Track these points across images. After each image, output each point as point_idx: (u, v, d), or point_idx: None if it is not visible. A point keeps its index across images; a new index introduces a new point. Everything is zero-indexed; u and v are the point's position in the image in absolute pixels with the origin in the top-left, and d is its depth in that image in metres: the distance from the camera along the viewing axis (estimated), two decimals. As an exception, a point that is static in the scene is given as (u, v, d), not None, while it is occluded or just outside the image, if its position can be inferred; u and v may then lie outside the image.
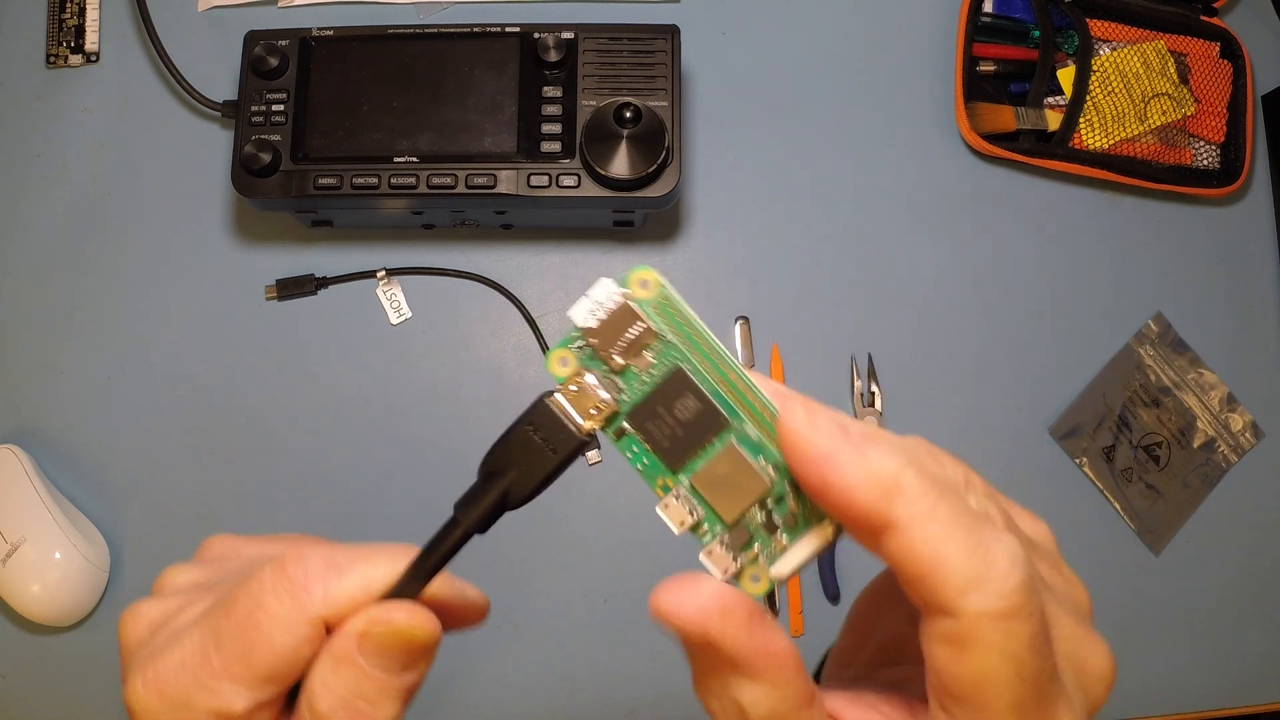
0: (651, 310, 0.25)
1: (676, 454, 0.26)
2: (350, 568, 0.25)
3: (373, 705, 0.25)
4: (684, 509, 0.26)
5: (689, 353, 0.25)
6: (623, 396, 0.26)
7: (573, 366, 0.25)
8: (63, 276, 0.68)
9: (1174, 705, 0.66)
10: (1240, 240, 0.72)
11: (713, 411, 0.25)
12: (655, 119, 0.60)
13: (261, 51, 0.62)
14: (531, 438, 0.26)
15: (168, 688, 0.25)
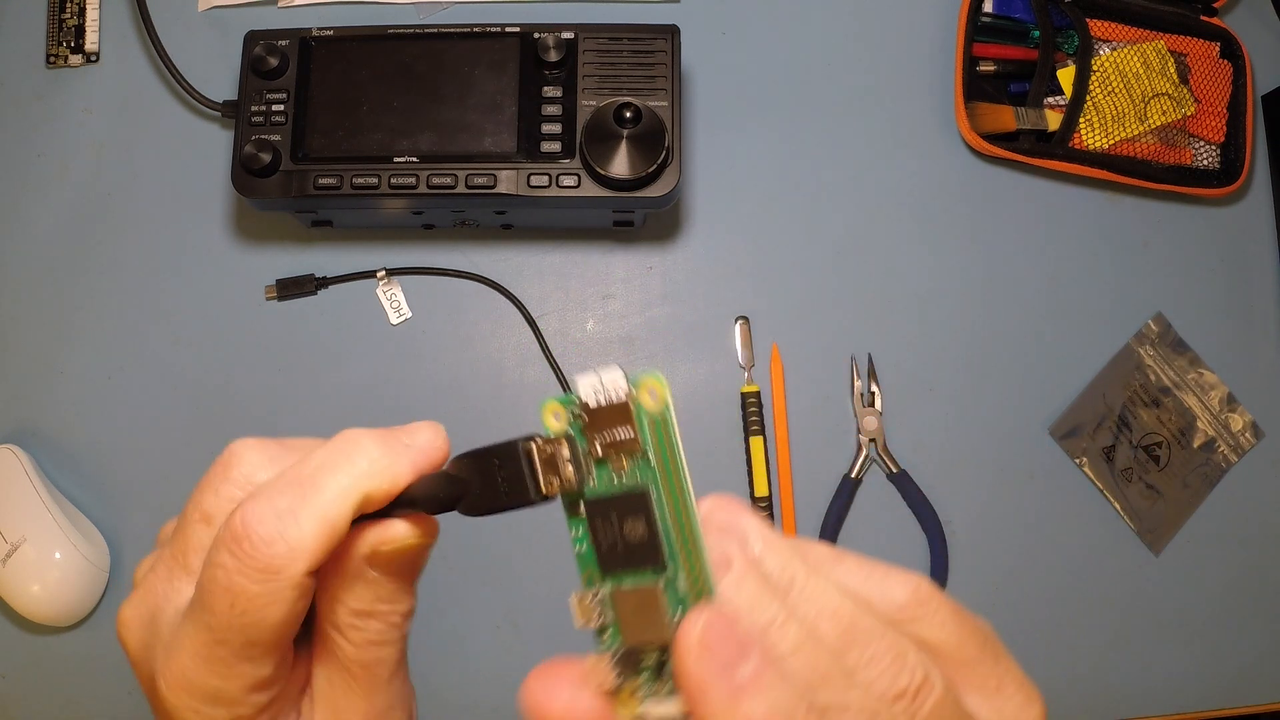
0: (646, 423, 0.25)
1: (611, 561, 0.26)
2: (301, 511, 0.25)
3: (392, 603, 0.27)
4: (594, 610, 0.26)
5: (661, 481, 0.25)
6: (589, 483, 0.26)
7: (560, 427, 0.26)
8: (63, 276, 0.68)
9: (1174, 705, 0.66)
10: (1240, 240, 0.72)
11: (656, 548, 0.25)
12: (655, 119, 0.60)
13: (261, 51, 0.62)
14: (495, 470, 0.26)
15: (194, 687, 0.26)
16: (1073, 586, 0.67)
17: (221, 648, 0.25)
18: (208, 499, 0.27)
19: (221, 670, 0.25)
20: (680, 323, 0.69)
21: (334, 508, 0.25)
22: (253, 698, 0.26)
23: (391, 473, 0.26)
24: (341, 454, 0.26)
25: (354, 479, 0.25)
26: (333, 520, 0.25)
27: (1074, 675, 0.66)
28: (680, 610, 0.25)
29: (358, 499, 0.25)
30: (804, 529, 0.66)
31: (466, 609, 0.65)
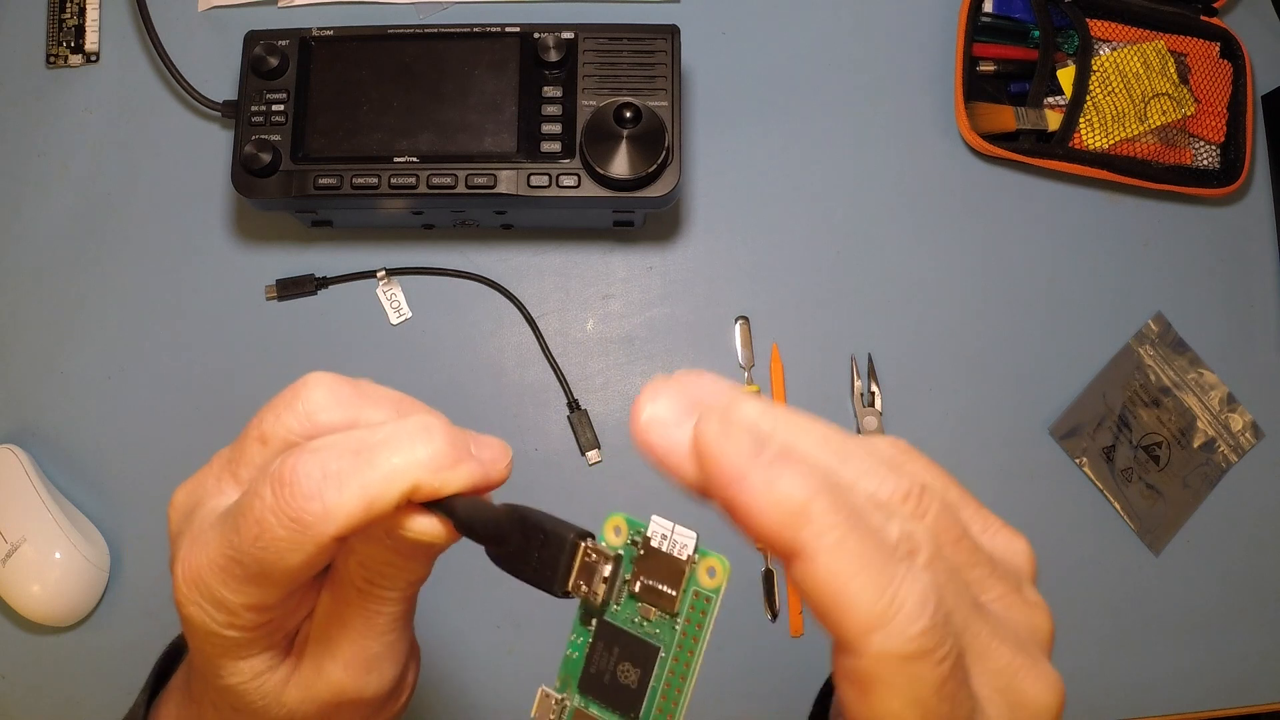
0: (690, 593, 0.25)
1: (592, 685, 0.27)
2: (350, 481, 0.25)
3: (402, 569, 0.28)
4: (555, 713, 0.27)
5: (675, 650, 0.26)
6: (612, 608, 0.26)
7: (614, 544, 0.26)
8: (63, 276, 0.68)
9: (1174, 705, 0.66)
10: (1240, 240, 0.72)
11: (637, 702, 0.26)
12: (655, 119, 0.60)
13: (261, 51, 0.62)
14: (536, 543, 0.26)
15: (203, 587, 0.27)
16: (1073, 586, 0.67)
17: (236, 566, 0.26)
18: (268, 421, 0.28)
19: (230, 584, 0.26)
20: (680, 323, 0.69)
21: (380, 488, 0.25)
22: (251, 615, 0.27)
23: (447, 476, 0.26)
24: (408, 438, 0.26)
25: (410, 467, 0.25)
26: (374, 499, 0.25)
27: (1074, 675, 0.66)
28: None
29: (407, 487, 0.25)
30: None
31: (466, 609, 0.65)
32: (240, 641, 0.28)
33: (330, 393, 0.28)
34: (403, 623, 0.30)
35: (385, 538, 0.27)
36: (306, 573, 0.26)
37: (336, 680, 0.29)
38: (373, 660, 0.29)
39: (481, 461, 0.27)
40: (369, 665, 0.29)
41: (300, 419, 0.28)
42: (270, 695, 0.29)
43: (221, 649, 0.28)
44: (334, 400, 0.28)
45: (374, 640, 0.29)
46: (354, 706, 0.30)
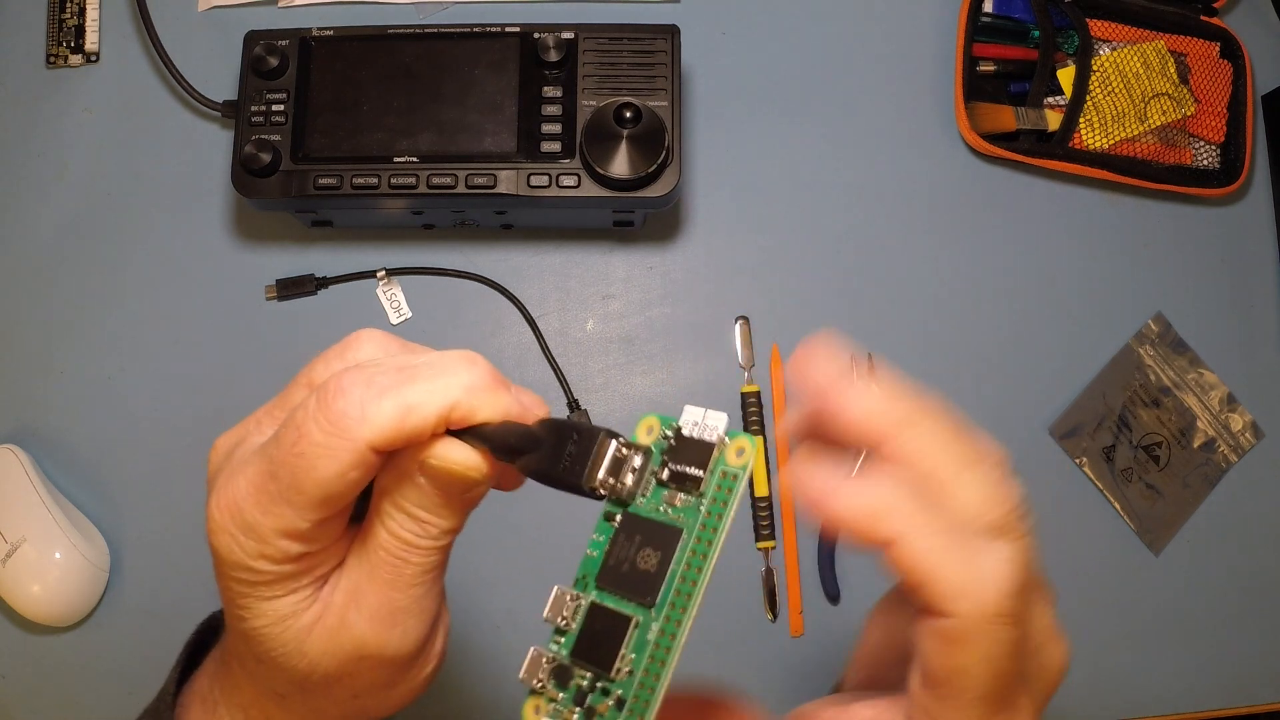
0: (718, 473, 0.25)
1: (610, 577, 0.27)
2: (390, 391, 0.26)
3: (432, 514, 0.28)
4: (568, 611, 0.27)
5: (698, 530, 0.25)
6: (638, 498, 0.26)
7: (645, 442, 0.26)
8: (63, 276, 0.68)
9: (1174, 705, 0.66)
10: (1240, 240, 0.72)
11: (655, 587, 0.26)
12: (655, 119, 0.60)
13: (261, 51, 0.62)
14: (568, 443, 0.26)
15: (236, 512, 0.27)
16: (1073, 586, 0.67)
17: (272, 482, 0.26)
18: (318, 369, 0.30)
19: (264, 504, 0.27)
20: (680, 323, 0.69)
21: (418, 399, 0.26)
22: (281, 543, 0.27)
23: (484, 399, 0.27)
24: (452, 363, 0.27)
25: (450, 386, 0.26)
26: (410, 410, 0.26)
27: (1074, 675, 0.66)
28: (637, 653, 0.26)
29: (444, 405, 0.26)
30: (804, 529, 0.66)
31: (466, 609, 0.65)
32: (268, 576, 0.28)
33: (380, 347, 0.29)
34: (431, 578, 0.30)
35: (418, 474, 0.27)
36: (338, 488, 0.26)
37: (360, 632, 0.29)
38: (398, 614, 0.29)
39: (519, 403, 0.28)
40: (394, 619, 0.29)
41: (350, 365, 0.28)
42: (293, 643, 0.29)
43: (249, 584, 0.28)
44: (383, 354, 0.29)
45: (400, 592, 0.29)
46: (376, 664, 0.29)
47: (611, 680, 0.26)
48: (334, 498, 0.27)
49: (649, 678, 0.25)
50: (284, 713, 0.31)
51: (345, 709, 0.32)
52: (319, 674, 0.29)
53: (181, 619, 0.66)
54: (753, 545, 0.66)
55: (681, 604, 0.25)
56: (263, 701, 0.31)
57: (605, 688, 0.26)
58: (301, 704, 0.31)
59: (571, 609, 0.27)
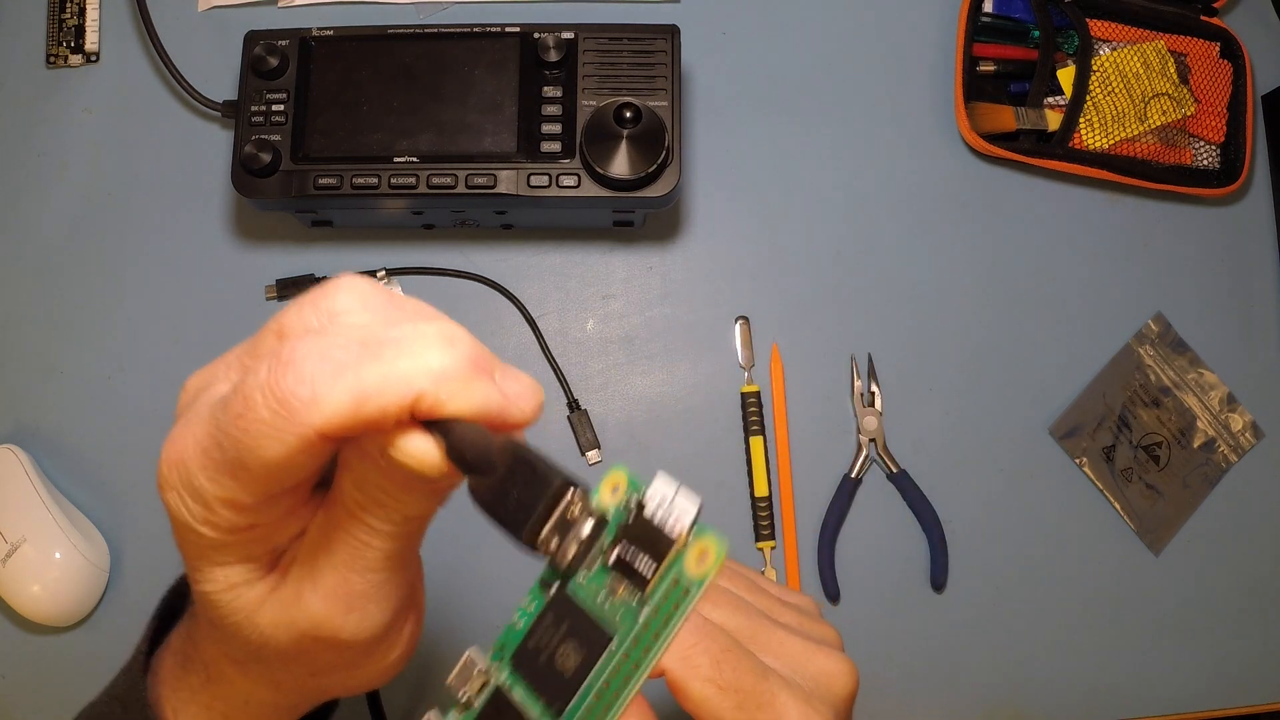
0: (670, 576, 0.23)
1: (525, 663, 0.24)
2: (346, 371, 0.23)
3: (395, 499, 0.26)
4: (473, 685, 0.25)
5: (628, 645, 0.23)
6: (576, 577, 0.23)
7: (605, 506, 0.23)
8: (63, 276, 0.68)
9: (1174, 705, 0.66)
10: (1240, 240, 0.72)
11: (566, 694, 0.23)
12: (655, 119, 0.60)
13: (261, 51, 0.62)
14: (520, 482, 0.23)
15: (183, 471, 0.26)
16: (1073, 586, 0.67)
17: (216, 450, 0.24)
18: (289, 316, 0.26)
19: (208, 469, 0.25)
20: (680, 323, 0.69)
21: (376, 386, 0.23)
22: (225, 512, 0.25)
23: (456, 392, 0.23)
24: (425, 341, 0.23)
25: (415, 374, 0.23)
26: (366, 397, 0.23)
27: (1074, 675, 0.66)
28: None
29: (406, 396, 0.23)
30: (804, 529, 0.66)
31: (466, 609, 0.65)
32: (214, 543, 0.26)
33: (359, 297, 0.26)
34: (395, 563, 0.27)
35: (380, 457, 0.25)
36: (285, 472, 0.24)
37: (313, 611, 0.27)
38: (355, 598, 0.27)
39: (503, 395, 0.24)
40: (350, 603, 0.27)
41: (322, 317, 0.25)
42: (243, 613, 0.27)
43: (197, 548, 0.26)
44: (361, 305, 0.26)
45: (359, 576, 0.27)
46: (331, 647, 0.28)
47: None
48: (281, 479, 0.25)
49: None
50: (243, 678, 0.31)
51: (304, 685, 0.31)
52: (272, 648, 0.28)
53: (181, 619, 0.66)
54: (753, 545, 0.66)
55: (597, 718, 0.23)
56: (222, 664, 0.31)
57: None
58: (259, 674, 0.30)
59: (478, 684, 0.25)
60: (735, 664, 0.28)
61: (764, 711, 0.27)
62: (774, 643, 0.31)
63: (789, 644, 0.31)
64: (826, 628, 0.35)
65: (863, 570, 0.66)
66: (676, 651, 0.26)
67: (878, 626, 0.66)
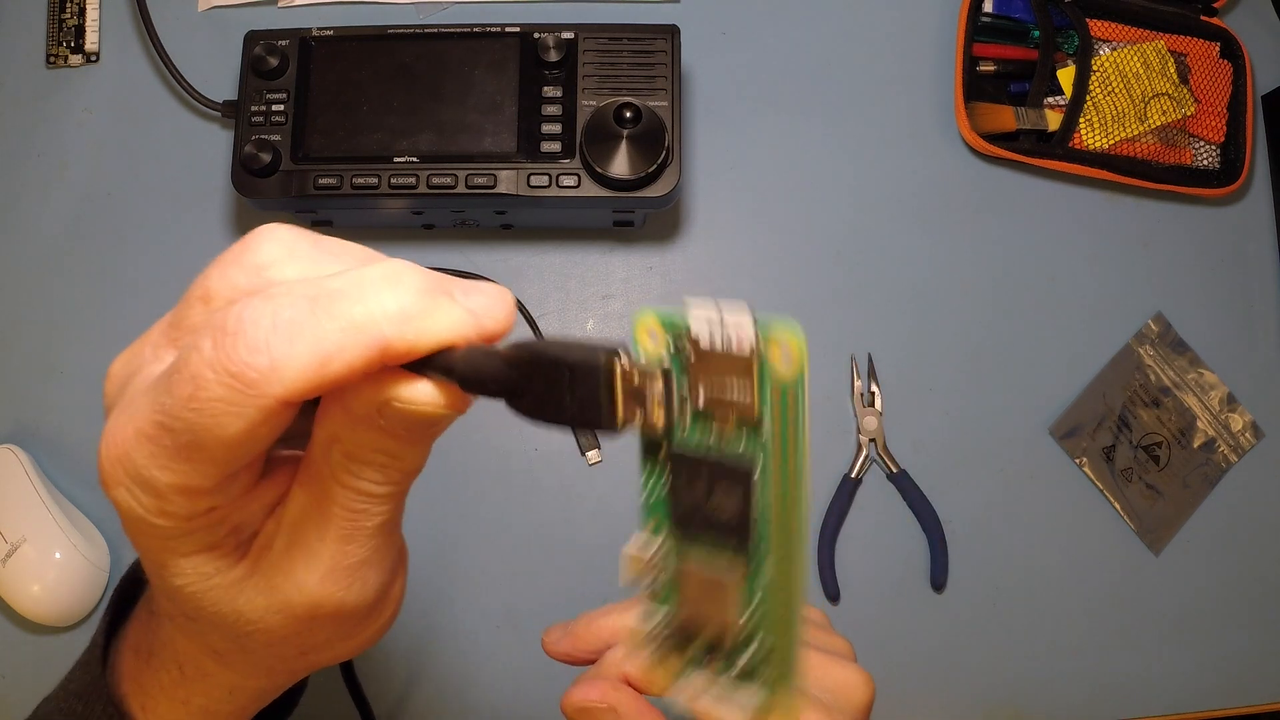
0: (770, 391, 0.20)
1: (688, 525, 0.22)
2: (304, 333, 0.21)
3: (395, 456, 0.24)
4: (651, 570, 0.23)
5: (774, 460, 0.20)
6: (679, 433, 0.21)
7: (655, 353, 0.21)
8: (63, 276, 0.68)
9: (1174, 705, 0.66)
10: (1240, 240, 0.72)
11: (746, 534, 0.21)
12: (655, 119, 0.60)
13: (261, 51, 0.62)
14: (564, 382, 0.21)
15: (128, 463, 0.23)
16: (1073, 586, 0.67)
17: (165, 436, 0.22)
18: (213, 278, 0.24)
19: (158, 458, 0.23)
20: (680, 323, 0.69)
21: (337, 342, 0.21)
22: (181, 501, 0.24)
23: (421, 328, 0.22)
24: (372, 286, 0.22)
25: (374, 320, 0.21)
26: (330, 355, 0.21)
27: (1074, 675, 0.66)
28: (760, 603, 0.21)
29: (372, 344, 0.21)
30: (804, 529, 0.66)
31: (466, 609, 0.65)
32: (172, 533, 0.24)
33: (285, 246, 0.24)
34: (392, 524, 0.26)
35: (377, 418, 0.23)
36: (247, 447, 0.22)
37: (313, 591, 0.25)
38: (356, 568, 0.25)
39: (471, 312, 0.22)
40: (352, 573, 0.25)
41: (250, 274, 0.23)
42: (224, 601, 0.25)
43: (156, 543, 0.24)
44: (289, 254, 0.24)
45: (359, 545, 0.25)
46: (333, 619, 0.26)
47: (732, 639, 0.22)
48: (241, 456, 0.23)
49: (781, 635, 0.21)
50: (223, 669, 0.29)
51: (293, 665, 0.29)
52: (262, 633, 0.26)
53: (181, 619, 0.66)
54: None
55: (790, 544, 0.21)
56: (200, 659, 0.29)
57: (723, 642, 0.22)
58: (242, 661, 0.28)
59: (655, 569, 0.22)
60: None
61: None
62: None
63: (814, 663, 0.31)
64: (839, 639, 0.35)
65: (863, 570, 0.66)
66: None
67: (878, 626, 0.66)
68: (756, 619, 0.22)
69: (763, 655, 0.22)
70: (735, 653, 0.22)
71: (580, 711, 0.31)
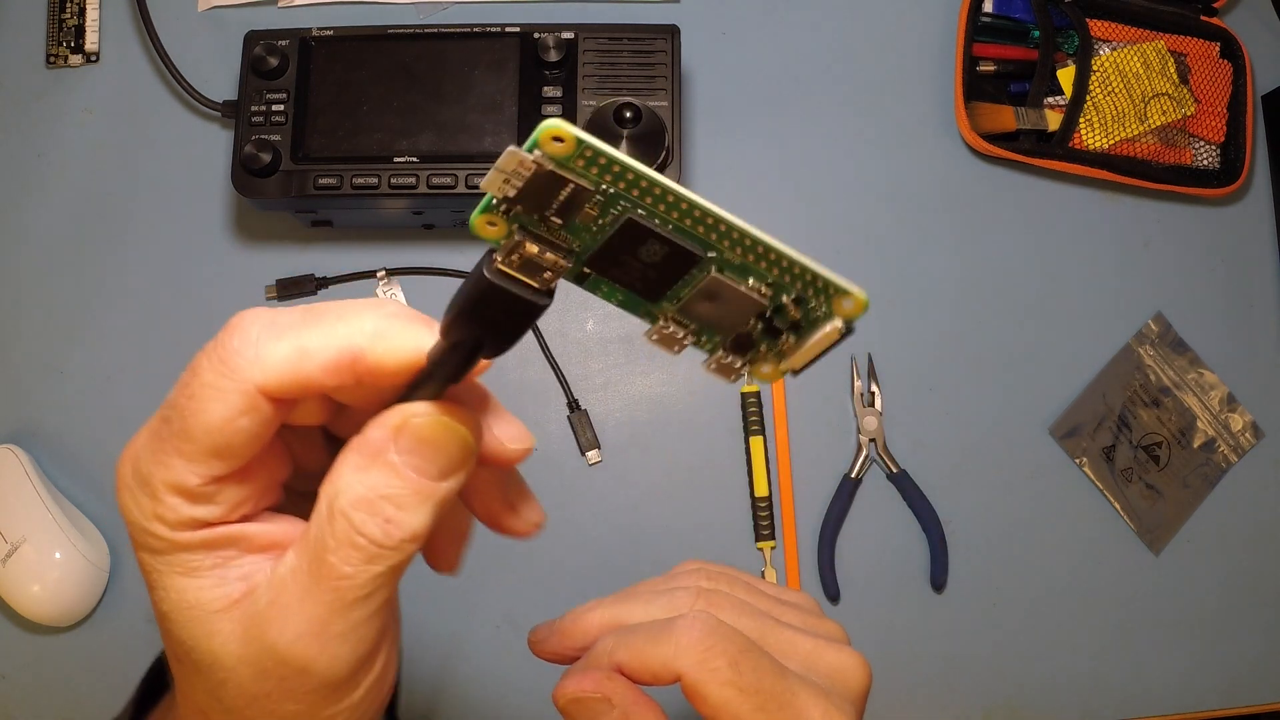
0: (575, 169, 0.22)
1: (653, 289, 0.24)
2: (288, 332, 0.24)
3: (400, 509, 0.24)
4: (677, 334, 0.25)
5: (639, 201, 0.22)
6: (575, 250, 0.23)
7: (501, 229, 0.23)
8: (63, 276, 0.68)
9: (1174, 705, 0.66)
10: (1240, 240, 0.72)
11: (683, 251, 0.23)
12: (655, 119, 0.60)
13: (261, 51, 0.62)
14: (493, 311, 0.23)
15: (135, 463, 0.25)
16: (1073, 586, 0.67)
17: (164, 426, 0.24)
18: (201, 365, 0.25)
19: (157, 453, 0.24)
20: (680, 323, 0.69)
21: (317, 343, 0.24)
22: (172, 500, 0.24)
23: (393, 343, 0.24)
24: (358, 308, 0.24)
25: (351, 330, 0.24)
26: (306, 353, 0.23)
27: (1074, 675, 0.66)
28: (750, 274, 0.23)
29: (347, 348, 0.24)
30: (804, 529, 0.66)
31: (466, 609, 0.65)
32: (163, 544, 0.25)
33: (269, 328, 0.25)
34: (379, 602, 0.25)
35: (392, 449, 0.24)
36: (227, 435, 0.24)
37: (283, 650, 0.25)
38: (330, 636, 0.25)
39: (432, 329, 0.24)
40: (324, 641, 0.25)
41: None
42: (202, 639, 0.25)
43: (151, 552, 0.25)
44: (274, 333, 0.25)
45: (338, 617, 0.25)
46: (302, 684, 0.25)
47: (765, 307, 0.23)
48: (224, 448, 0.24)
49: (798, 272, 0.23)
50: None
51: None
52: (234, 685, 0.25)
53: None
54: (753, 545, 0.66)
55: (715, 227, 0.22)
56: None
57: (765, 314, 0.24)
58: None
59: (677, 329, 0.24)
60: (754, 665, 0.27)
61: (785, 712, 0.27)
62: (783, 642, 0.31)
63: (799, 643, 0.31)
64: (830, 624, 0.35)
65: (863, 570, 0.66)
66: (692, 655, 0.27)
67: (878, 626, 0.66)
68: (761, 286, 0.24)
69: (803, 294, 0.24)
70: (780, 315, 0.24)
71: (573, 703, 0.30)
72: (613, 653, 0.31)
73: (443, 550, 0.30)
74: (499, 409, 0.27)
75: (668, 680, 0.29)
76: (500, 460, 0.27)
